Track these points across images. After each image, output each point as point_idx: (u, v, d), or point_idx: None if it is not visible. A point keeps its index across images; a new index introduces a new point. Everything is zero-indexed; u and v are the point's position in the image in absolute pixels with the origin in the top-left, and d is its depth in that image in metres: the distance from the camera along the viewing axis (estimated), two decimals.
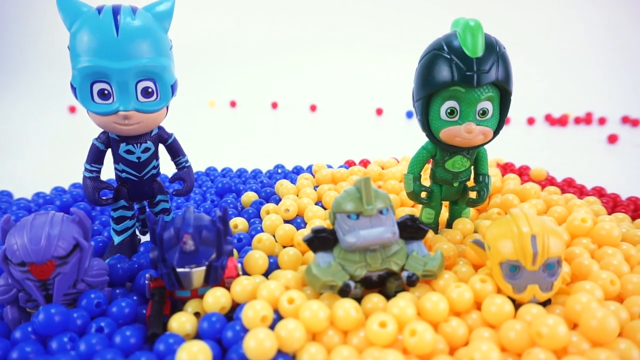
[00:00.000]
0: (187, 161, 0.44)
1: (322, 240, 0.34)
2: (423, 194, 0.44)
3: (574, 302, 0.30)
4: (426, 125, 0.40)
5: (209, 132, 1.04)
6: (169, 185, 0.58)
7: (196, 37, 1.56)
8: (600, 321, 0.27)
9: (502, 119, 0.39)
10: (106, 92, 0.35)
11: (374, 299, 0.33)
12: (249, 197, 0.53)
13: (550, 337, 0.26)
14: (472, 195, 0.44)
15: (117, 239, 0.43)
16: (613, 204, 0.56)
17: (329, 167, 0.65)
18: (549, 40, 1.53)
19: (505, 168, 0.67)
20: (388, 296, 0.34)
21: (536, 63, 1.46)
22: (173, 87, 0.38)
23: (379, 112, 1.22)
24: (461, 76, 0.35)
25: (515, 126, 1.09)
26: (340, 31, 1.53)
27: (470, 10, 1.49)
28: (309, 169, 0.65)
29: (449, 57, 0.36)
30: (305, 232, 0.42)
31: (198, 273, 0.32)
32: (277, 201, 0.52)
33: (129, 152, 0.39)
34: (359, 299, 0.34)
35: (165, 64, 0.36)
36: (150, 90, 0.36)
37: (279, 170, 0.66)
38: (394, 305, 0.30)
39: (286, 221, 0.46)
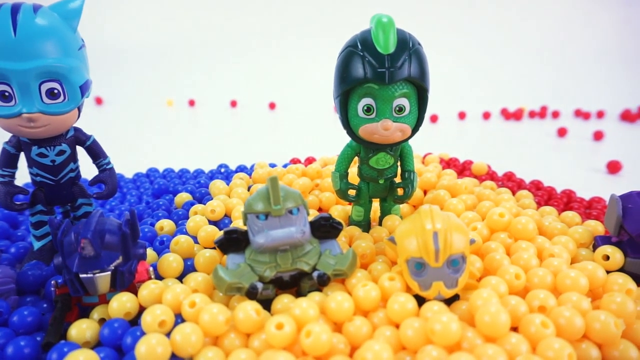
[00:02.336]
0: (108, 163, 0.43)
1: (232, 242, 0.34)
2: (352, 192, 0.44)
3: (476, 298, 0.30)
4: (346, 123, 0.39)
5: (167, 132, 1.03)
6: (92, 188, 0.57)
7: (154, 35, 1.53)
8: (492, 316, 0.27)
9: (420, 116, 0.39)
10: (7, 93, 0.34)
11: (285, 300, 0.32)
12: (182, 198, 0.52)
13: (443, 334, 0.26)
14: (400, 192, 0.44)
15: (36, 245, 0.42)
16: (547, 197, 0.57)
17: (273, 165, 0.64)
18: (509, 34, 1.54)
19: (449, 163, 0.68)
20: (303, 296, 0.34)
21: (495, 57, 1.48)
22: (83, 88, 0.37)
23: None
24: (373, 73, 0.35)
25: (471, 121, 1.10)
26: (298, 29, 1.52)
27: (415, 6, 1.50)
28: (252, 168, 0.64)
29: (362, 54, 0.36)
30: None
31: (103, 278, 0.32)
32: None
33: (41, 155, 0.38)
34: (271, 300, 0.33)
35: (72, 65, 0.35)
36: (56, 91, 0.35)
37: (222, 170, 0.65)
38: (296, 306, 0.29)
39: (212, 222, 0.46)
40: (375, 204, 0.47)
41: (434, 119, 1.08)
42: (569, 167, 0.76)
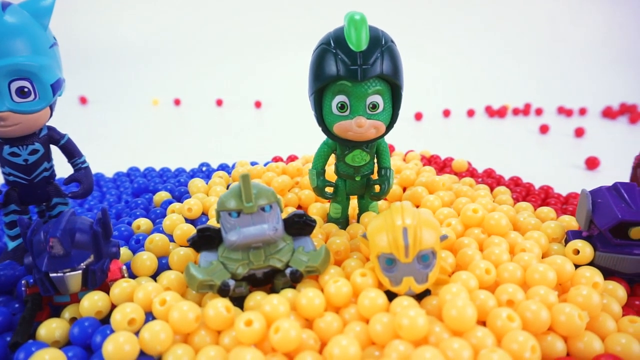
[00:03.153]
0: (84, 162, 0.43)
1: (205, 240, 0.34)
2: (329, 189, 0.44)
3: (445, 293, 0.30)
4: (321, 120, 0.40)
5: (153, 131, 1.02)
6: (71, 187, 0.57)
7: (140, 35, 1.53)
8: (459, 311, 0.27)
9: (395, 113, 0.39)
10: None
11: (257, 297, 0.32)
12: (161, 196, 0.52)
13: (409, 329, 0.27)
14: (376, 189, 0.44)
15: (10, 245, 0.42)
16: (526, 193, 0.57)
17: (254, 163, 0.64)
18: (494, 32, 1.55)
19: (430, 161, 0.68)
20: (277, 293, 0.34)
21: (480, 55, 1.49)
22: (55, 87, 0.36)
23: None
24: (346, 70, 0.35)
25: (455, 118, 1.11)
26: (284, 28, 1.52)
27: (401, 4, 1.51)
28: (234, 167, 0.64)
29: (334, 51, 0.36)
30: None
31: (74, 277, 0.32)
32: None
33: (14, 154, 0.38)
34: (244, 298, 0.33)
35: (42, 63, 0.35)
36: (26, 90, 0.35)
37: (204, 169, 0.65)
38: (266, 302, 0.30)
39: (189, 220, 0.46)
40: (354, 201, 0.47)
41: (418, 116, 1.09)
42: (550, 163, 0.76)
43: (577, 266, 0.36)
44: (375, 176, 0.44)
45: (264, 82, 1.39)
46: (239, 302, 0.34)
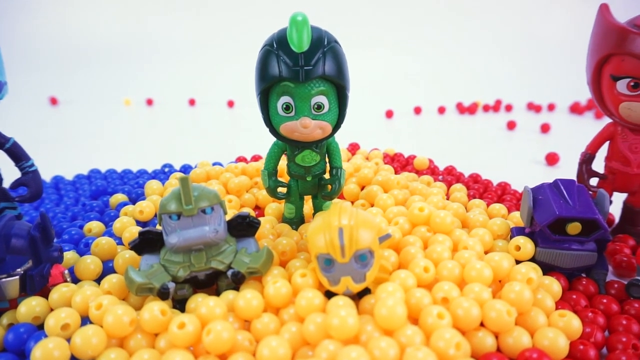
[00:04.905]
0: (31, 165, 0.42)
1: (148, 243, 0.34)
2: (282, 190, 0.45)
3: (380, 291, 0.31)
4: (268, 121, 0.40)
5: (125, 132, 1.01)
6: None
7: (110, 35, 1.51)
8: (389, 309, 0.28)
9: (341, 113, 0.39)
10: None
11: (199, 299, 0.33)
12: (117, 198, 0.52)
13: (339, 329, 0.27)
14: (328, 188, 0.45)
15: None
16: (483, 189, 0.58)
17: (217, 164, 0.64)
18: (465, 29, 1.57)
19: (393, 159, 0.69)
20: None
21: (452, 52, 1.50)
22: None
23: None
24: (288, 71, 0.36)
25: (426, 116, 1.11)
26: (257, 27, 1.51)
27: (370, 2, 1.51)
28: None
29: (277, 52, 0.36)
30: None
31: (10, 283, 0.31)
32: None
33: None
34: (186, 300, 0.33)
35: None
36: None
37: (166, 170, 0.65)
38: (203, 304, 0.30)
39: (141, 223, 0.45)
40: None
41: (389, 114, 1.09)
42: (514, 159, 0.77)
43: (519, 262, 0.37)
44: (328, 176, 0.45)
45: (236, 81, 1.38)
46: (182, 304, 0.34)
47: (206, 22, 1.57)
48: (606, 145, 0.45)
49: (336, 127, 0.40)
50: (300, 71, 0.35)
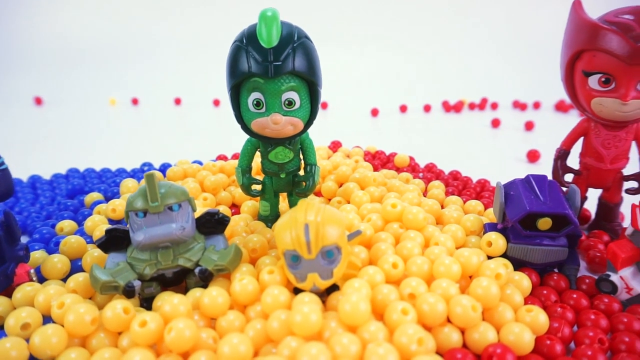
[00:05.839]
0: (2, 164, 0.41)
1: (114, 240, 0.34)
2: (256, 187, 0.44)
3: (347, 288, 0.30)
4: (239, 118, 0.39)
5: (111, 131, 1.00)
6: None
7: (95, 34, 1.50)
8: (352, 305, 0.27)
9: (313, 109, 0.39)
10: None
11: (165, 297, 0.32)
12: (92, 197, 0.51)
13: (302, 325, 0.27)
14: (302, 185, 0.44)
15: None
16: (462, 186, 0.58)
17: (197, 162, 0.64)
18: (452, 27, 1.57)
19: (375, 156, 0.68)
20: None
21: (438, 50, 1.50)
22: None
23: None
24: (257, 67, 0.35)
25: (412, 114, 1.11)
26: (239, 26, 1.50)
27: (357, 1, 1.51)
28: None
29: (246, 48, 0.36)
30: None
31: None
32: None
33: None
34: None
35: None
36: None
37: (145, 168, 0.64)
38: (167, 302, 0.29)
39: (113, 221, 0.45)
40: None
41: (375, 112, 1.09)
42: (496, 156, 0.77)
43: (491, 258, 0.37)
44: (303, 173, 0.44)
45: (223, 80, 1.37)
46: (149, 302, 0.33)
47: (193, 22, 1.56)
48: (581, 141, 0.45)
49: (308, 124, 0.40)
50: (269, 67, 0.35)
